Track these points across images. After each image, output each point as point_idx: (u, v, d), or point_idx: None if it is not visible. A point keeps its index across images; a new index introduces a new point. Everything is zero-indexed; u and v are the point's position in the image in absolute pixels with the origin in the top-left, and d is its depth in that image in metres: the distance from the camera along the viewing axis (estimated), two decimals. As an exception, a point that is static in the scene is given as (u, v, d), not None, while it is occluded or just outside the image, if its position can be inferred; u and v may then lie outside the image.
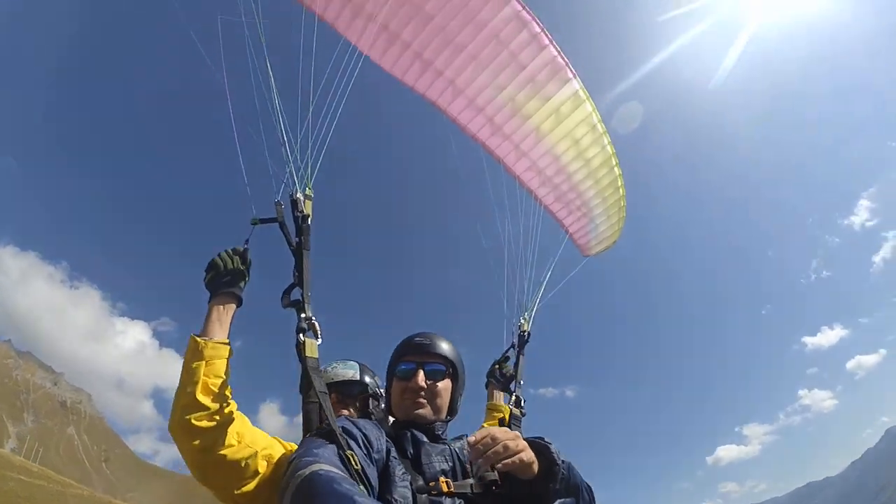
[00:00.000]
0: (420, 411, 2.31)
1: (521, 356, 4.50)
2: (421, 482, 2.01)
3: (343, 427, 2.01)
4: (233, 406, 2.26)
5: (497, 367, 4.39)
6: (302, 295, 2.60)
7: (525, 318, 4.76)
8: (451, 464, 2.14)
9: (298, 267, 2.68)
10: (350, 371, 3.15)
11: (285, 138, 3.19)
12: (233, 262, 2.57)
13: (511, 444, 1.85)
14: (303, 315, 2.50)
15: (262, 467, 2.23)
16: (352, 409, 3.02)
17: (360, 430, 2.04)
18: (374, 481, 1.89)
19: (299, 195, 2.95)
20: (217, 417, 2.16)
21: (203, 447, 2.12)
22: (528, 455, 1.89)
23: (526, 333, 4.61)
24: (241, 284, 2.58)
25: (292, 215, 2.86)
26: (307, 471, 1.55)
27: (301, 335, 2.42)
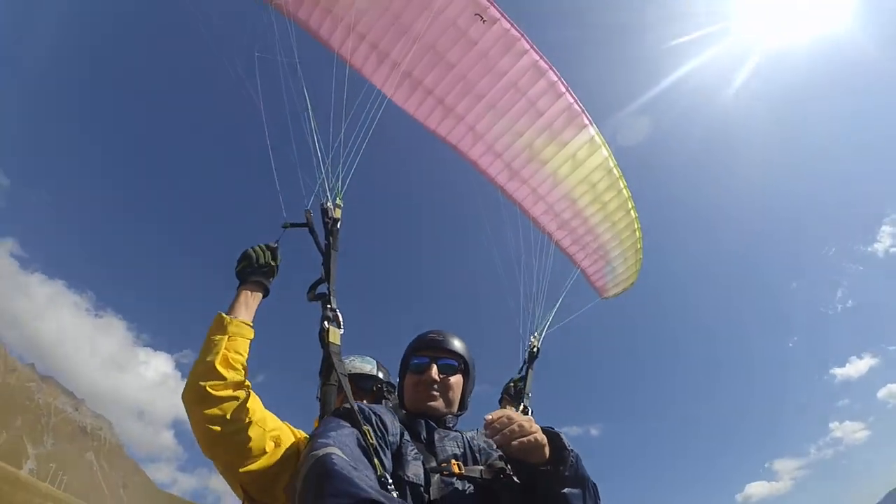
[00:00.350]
0: (432, 403, 2.35)
1: (529, 371, 4.73)
2: (434, 463, 2.06)
3: (359, 407, 2.08)
4: (248, 385, 2.26)
5: (513, 384, 4.64)
6: (328, 289, 2.88)
7: (536, 336, 4.97)
8: (462, 450, 2.17)
9: (326, 264, 2.98)
10: (368, 365, 3.25)
11: (319, 154, 3.52)
12: (265, 256, 2.74)
13: (526, 424, 1.91)
14: (328, 306, 2.77)
15: (270, 447, 2.21)
16: (366, 401, 2.97)
17: (374, 413, 2.11)
18: (388, 463, 1.95)
19: (329, 204, 3.24)
20: (233, 389, 2.16)
21: (215, 418, 2.10)
22: (542, 437, 1.93)
23: (536, 349, 4.88)
24: (271, 278, 2.74)
25: (322, 220, 3.17)
26: (321, 452, 1.63)
27: (325, 323, 2.67)
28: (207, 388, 2.10)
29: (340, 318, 2.73)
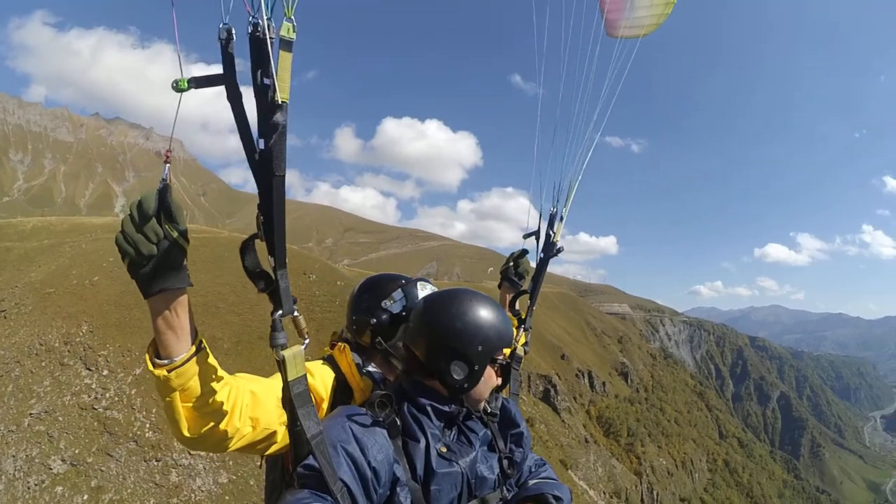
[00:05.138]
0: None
1: (542, 274, 3.36)
2: None
3: (351, 463, 1.65)
4: (234, 401, 1.81)
5: (512, 264, 3.41)
6: (274, 268, 1.55)
7: (559, 219, 3.36)
8: (459, 488, 1.90)
9: (265, 205, 1.49)
10: (396, 306, 2.38)
11: None
12: (151, 237, 1.42)
13: None
14: (279, 313, 1.58)
15: (281, 433, 1.98)
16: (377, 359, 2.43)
17: (369, 466, 1.68)
18: None
19: (267, 29, 1.37)
20: (218, 435, 1.80)
21: (216, 452, 1.98)
22: None
23: (555, 246, 3.33)
24: (178, 265, 1.49)
25: (254, 80, 1.41)
26: None
27: (279, 352, 1.58)
28: (195, 449, 2.12)
29: (303, 325, 1.69)
